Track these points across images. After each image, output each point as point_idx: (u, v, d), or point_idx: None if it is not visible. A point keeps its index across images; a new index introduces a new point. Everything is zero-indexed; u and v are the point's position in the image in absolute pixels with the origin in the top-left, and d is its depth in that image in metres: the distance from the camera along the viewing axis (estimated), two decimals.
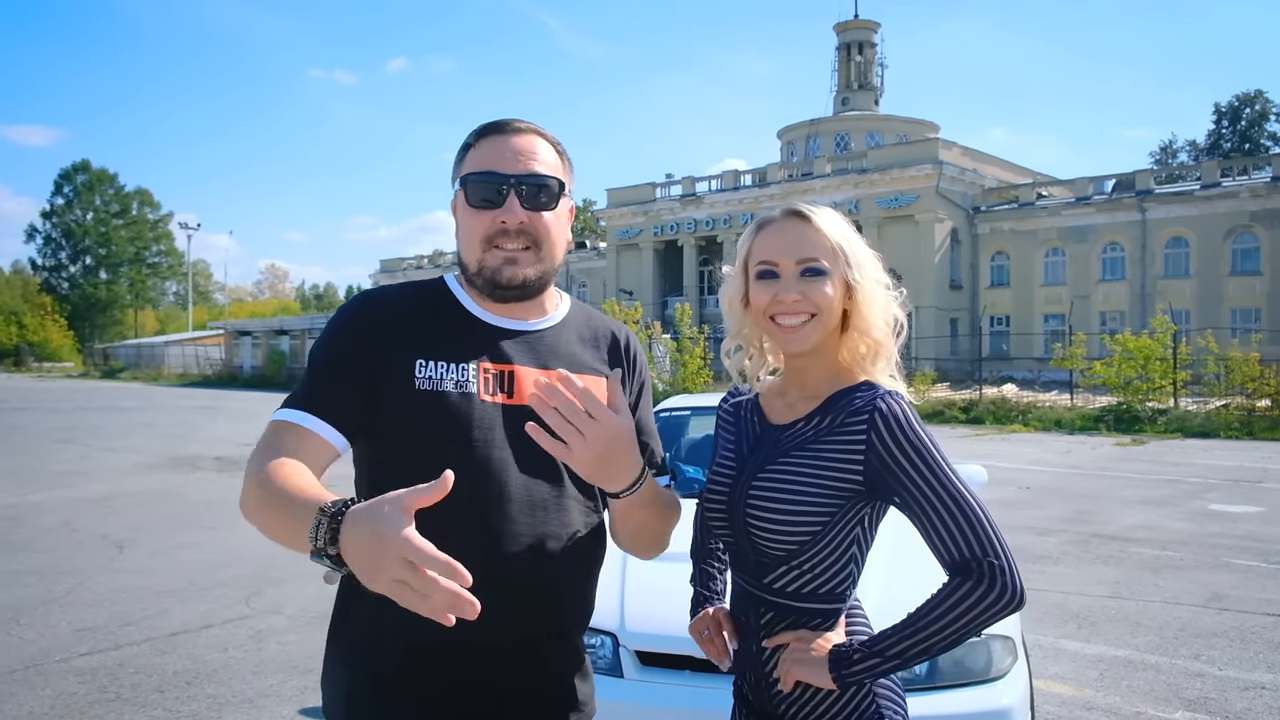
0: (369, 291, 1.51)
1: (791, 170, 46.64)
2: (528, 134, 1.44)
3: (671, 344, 28.03)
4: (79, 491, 10.71)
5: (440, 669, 1.34)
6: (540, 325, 1.49)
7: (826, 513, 1.37)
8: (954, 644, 1.31)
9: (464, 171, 1.44)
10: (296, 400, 1.38)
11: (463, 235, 1.45)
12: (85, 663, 4.76)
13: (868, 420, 1.36)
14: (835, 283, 1.42)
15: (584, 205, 71.20)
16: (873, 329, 1.44)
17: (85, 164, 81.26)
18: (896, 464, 1.33)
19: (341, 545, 1.04)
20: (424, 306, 1.45)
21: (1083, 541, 8.01)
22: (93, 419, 22.41)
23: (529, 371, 1.43)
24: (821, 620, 1.41)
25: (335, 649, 1.44)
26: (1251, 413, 18.51)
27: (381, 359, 1.38)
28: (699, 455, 4.90)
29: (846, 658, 1.34)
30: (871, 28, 56.71)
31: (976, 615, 1.28)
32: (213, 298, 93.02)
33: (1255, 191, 35.27)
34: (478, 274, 1.43)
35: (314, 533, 1.07)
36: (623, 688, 2.87)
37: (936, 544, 1.32)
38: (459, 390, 1.38)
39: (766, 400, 1.55)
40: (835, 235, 1.43)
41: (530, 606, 1.38)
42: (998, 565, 1.28)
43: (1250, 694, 4.39)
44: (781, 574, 1.41)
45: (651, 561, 3.23)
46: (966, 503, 1.31)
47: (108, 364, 60.50)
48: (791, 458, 1.41)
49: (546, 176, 1.43)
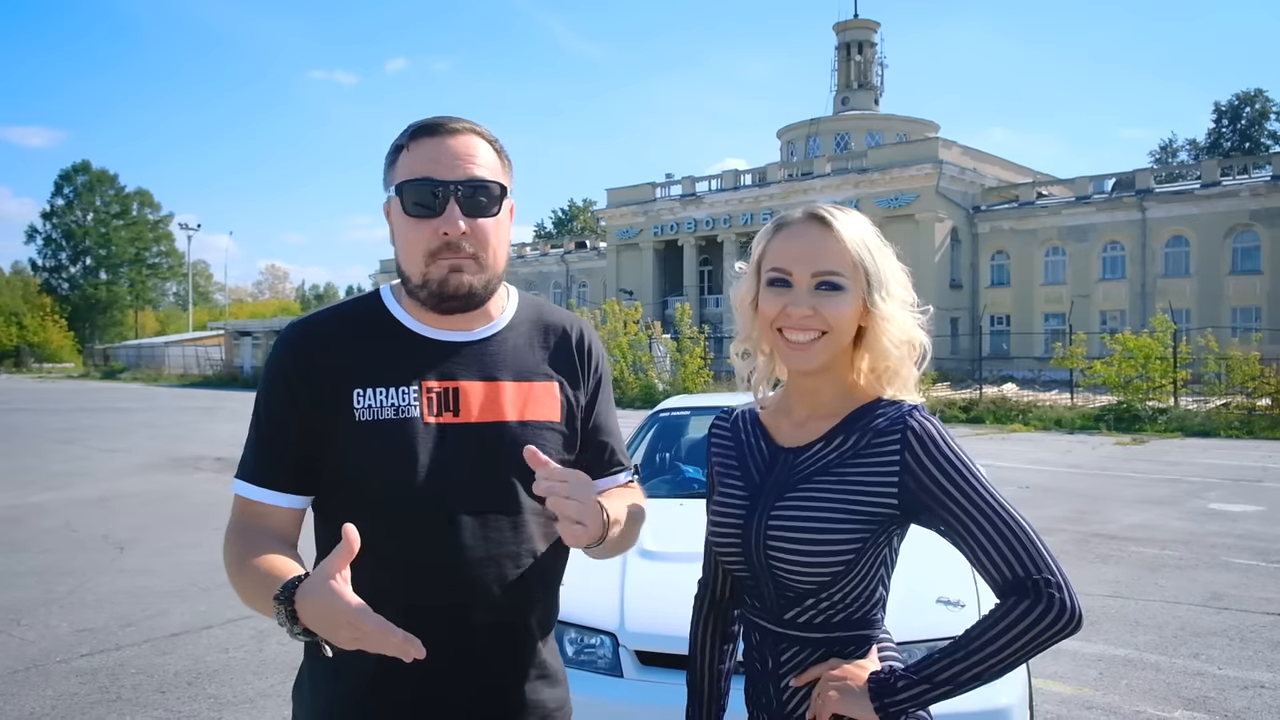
0: (297, 323, 1.43)
1: (791, 170, 46.67)
2: (465, 134, 1.36)
3: (671, 344, 28.05)
4: (79, 492, 10.72)
5: (410, 688, 1.34)
6: (484, 334, 1.43)
7: (858, 540, 1.27)
8: (1009, 669, 1.22)
9: (399, 177, 1.35)
10: (249, 470, 1.38)
11: (402, 246, 1.37)
12: (86, 663, 4.77)
13: (899, 440, 1.27)
14: (852, 300, 1.31)
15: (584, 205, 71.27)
16: (890, 351, 1.33)
17: (86, 165, 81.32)
18: (936, 484, 1.25)
19: (303, 620, 1.14)
20: (357, 330, 1.39)
21: (1083, 541, 8.01)
22: (93, 420, 22.42)
23: (474, 386, 1.38)
24: (855, 648, 1.32)
25: (311, 667, 1.43)
26: (1252, 412, 18.52)
27: (319, 399, 1.34)
28: (699, 455, 4.90)
29: (890, 685, 1.24)
30: (871, 27, 56.73)
31: (1034, 637, 1.19)
32: (213, 298, 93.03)
33: (1255, 190, 35.29)
34: (421, 286, 1.36)
35: (279, 619, 1.17)
36: (622, 687, 2.88)
37: (985, 565, 1.23)
38: (400, 416, 1.33)
39: (770, 420, 1.44)
40: (858, 247, 1.31)
41: (495, 624, 1.37)
42: (1054, 582, 1.19)
43: (1250, 693, 4.39)
44: (808, 608, 1.31)
45: (651, 561, 3.26)
46: (1013, 519, 1.23)
47: (108, 365, 60.51)
48: (815, 484, 1.31)
49: (487, 181, 1.35)
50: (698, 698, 1.53)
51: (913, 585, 2.44)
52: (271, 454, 1.37)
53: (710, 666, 1.53)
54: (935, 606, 2.93)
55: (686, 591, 1.67)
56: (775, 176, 45.48)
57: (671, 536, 3.35)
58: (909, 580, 1.95)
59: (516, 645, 1.41)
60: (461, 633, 1.34)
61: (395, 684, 1.33)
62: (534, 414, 1.42)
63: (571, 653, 2.99)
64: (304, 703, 1.43)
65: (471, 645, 1.35)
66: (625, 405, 24.20)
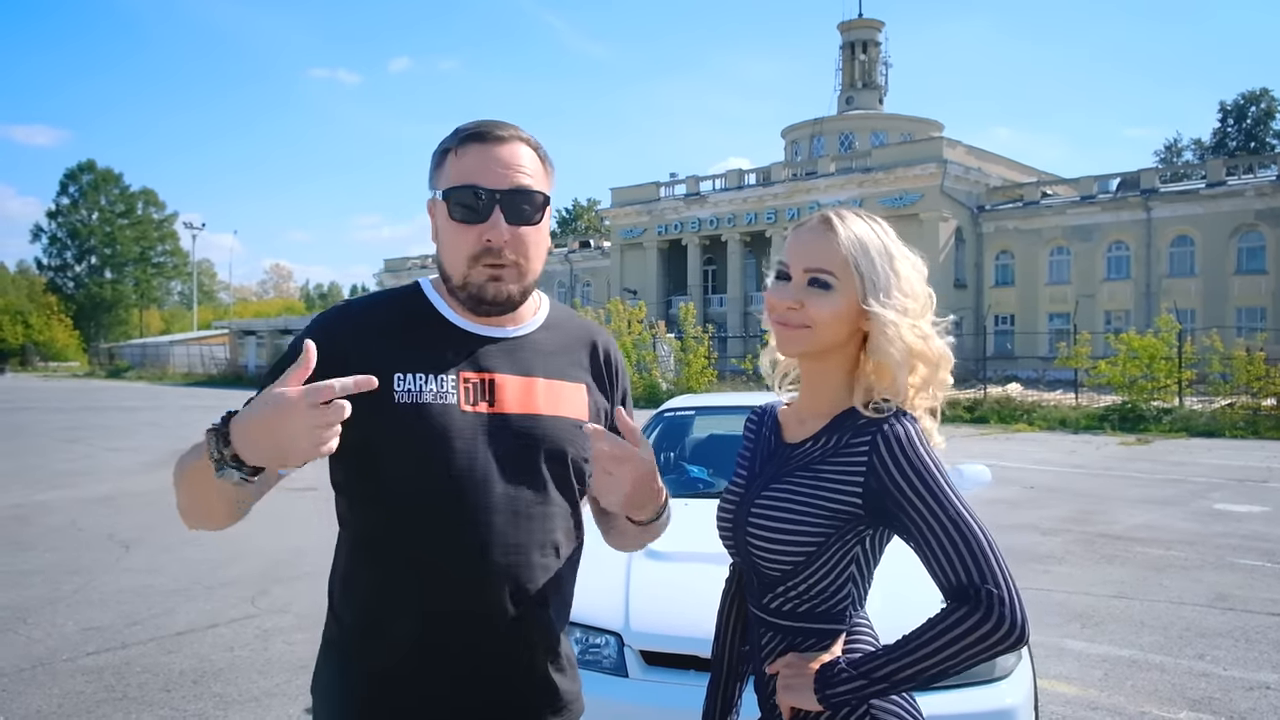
0: (344, 304, 1.48)
1: (796, 169, 46.63)
2: (512, 142, 1.40)
3: (676, 343, 28.03)
4: (85, 491, 10.75)
5: (429, 674, 1.36)
6: (519, 332, 1.47)
7: (820, 534, 1.32)
8: (946, 674, 1.23)
9: (447, 182, 1.39)
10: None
11: (446, 247, 1.42)
12: (92, 662, 4.78)
13: (869, 442, 1.30)
14: (840, 300, 1.34)
15: (588, 204, 71.23)
16: (884, 359, 1.35)
17: (91, 164, 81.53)
18: (897, 486, 1.27)
19: (236, 442, 1.15)
20: (400, 317, 1.43)
21: (1087, 541, 8.00)
22: (98, 419, 22.47)
23: (509, 379, 1.42)
24: (817, 641, 1.36)
25: (329, 652, 1.47)
26: (1257, 412, 18.48)
27: (354, 369, 1.32)
28: (702, 455, 4.90)
29: (832, 677, 1.29)
30: (875, 27, 56.66)
31: (971, 645, 1.21)
32: (217, 297, 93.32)
33: (1261, 190, 35.19)
34: (462, 288, 1.40)
35: (211, 450, 1.17)
36: (628, 687, 2.88)
37: (935, 568, 1.26)
38: (439, 401, 1.36)
39: (785, 417, 1.50)
40: (853, 249, 1.34)
41: (517, 611, 1.39)
42: (996, 594, 1.20)
43: (1255, 694, 4.38)
44: (779, 594, 1.37)
45: (656, 561, 3.27)
46: (968, 526, 1.24)
47: (113, 364, 60.63)
48: (795, 478, 1.36)
49: (532, 191, 1.39)
50: (718, 670, 1.59)
51: (913, 585, 2.44)
52: None
53: (732, 645, 1.59)
54: (938, 607, 2.92)
55: (692, 591, 1.68)
56: (779, 176, 45.42)
57: (677, 537, 3.31)
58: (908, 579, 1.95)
59: (539, 634, 1.43)
60: (486, 620, 1.37)
61: (422, 671, 1.36)
62: (566, 411, 1.46)
63: (576, 652, 2.98)
64: (327, 690, 1.46)
65: (495, 633, 1.37)
66: None
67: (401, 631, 1.36)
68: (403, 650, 1.36)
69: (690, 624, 2.75)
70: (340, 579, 1.45)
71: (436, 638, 1.36)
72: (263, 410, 1.13)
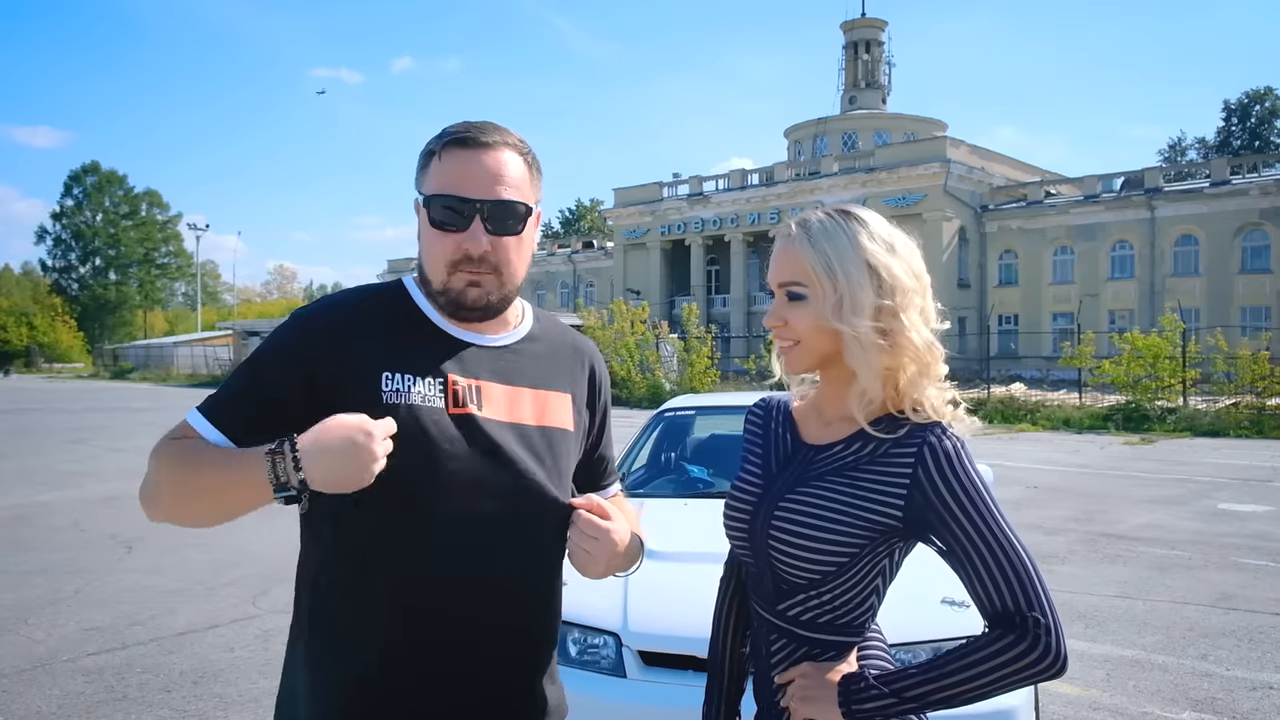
0: (325, 298, 1.44)
1: (798, 169, 46.62)
2: (497, 149, 1.35)
3: (679, 343, 28.03)
4: (87, 491, 10.76)
5: (415, 675, 1.33)
6: (503, 341, 1.45)
7: (855, 545, 1.27)
8: (980, 698, 1.21)
9: (429, 188, 1.36)
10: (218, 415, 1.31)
11: (426, 251, 1.39)
12: (93, 662, 4.78)
13: (915, 454, 1.26)
14: (814, 309, 1.30)
15: (591, 205, 71.24)
16: (858, 370, 1.30)
17: (95, 165, 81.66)
18: (943, 503, 1.23)
19: (307, 470, 1.17)
20: (386, 316, 1.39)
21: (1091, 541, 7.98)
22: (101, 419, 22.50)
23: (494, 387, 1.40)
24: (835, 653, 1.32)
25: (302, 655, 1.40)
26: (1261, 411, 18.42)
27: (341, 367, 1.32)
28: (703, 455, 4.89)
29: (859, 692, 1.25)
30: (879, 26, 56.61)
31: (1011, 672, 1.18)
32: (221, 298, 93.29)
33: (1265, 189, 35.11)
34: (441, 293, 1.38)
35: (273, 473, 1.18)
36: (626, 688, 2.87)
37: (979, 591, 1.23)
38: (427, 404, 1.34)
39: (801, 414, 1.44)
40: (812, 257, 1.29)
41: (505, 616, 1.37)
42: (1043, 623, 1.18)
43: (1258, 694, 4.36)
44: (799, 602, 1.32)
45: (655, 561, 3.24)
46: (1016, 552, 1.22)
47: (117, 365, 60.72)
48: (826, 483, 1.31)
49: (513, 202, 1.35)
50: (718, 676, 1.55)
51: (918, 585, 2.43)
52: (254, 412, 1.31)
53: (732, 649, 1.54)
54: (940, 607, 2.91)
55: (691, 591, 1.67)
56: (782, 176, 45.42)
57: (676, 536, 3.33)
58: (914, 581, 1.94)
59: (525, 640, 1.42)
60: (473, 625, 1.35)
61: (405, 678, 1.33)
62: (551, 421, 1.45)
63: (574, 653, 2.98)
64: (296, 695, 1.41)
65: (481, 638, 1.36)
66: (632, 405, 24.23)
67: (383, 637, 1.33)
68: (384, 657, 1.32)
69: (689, 624, 2.73)
70: (310, 584, 1.40)
71: (420, 642, 1.33)
72: (343, 445, 1.18)
